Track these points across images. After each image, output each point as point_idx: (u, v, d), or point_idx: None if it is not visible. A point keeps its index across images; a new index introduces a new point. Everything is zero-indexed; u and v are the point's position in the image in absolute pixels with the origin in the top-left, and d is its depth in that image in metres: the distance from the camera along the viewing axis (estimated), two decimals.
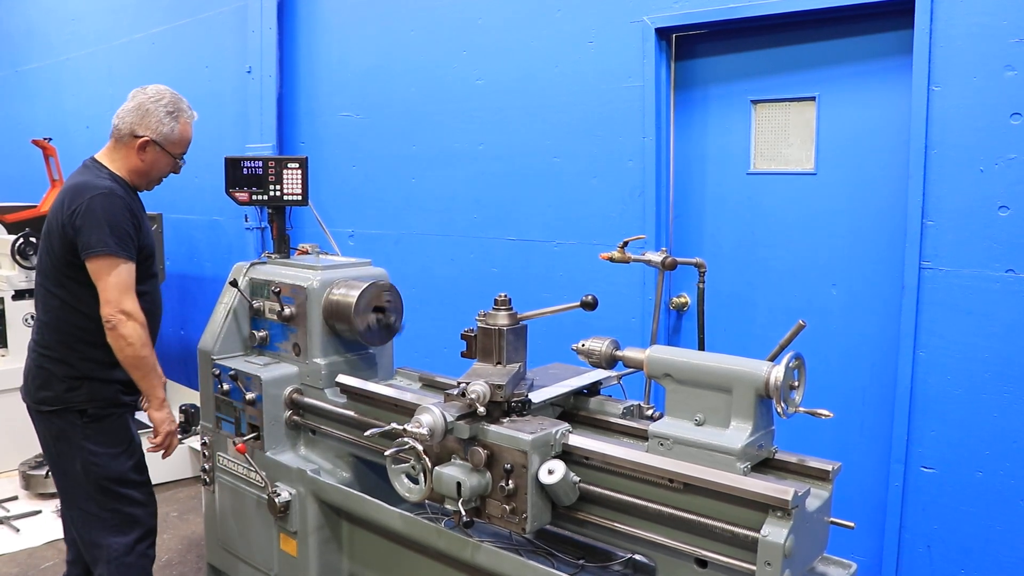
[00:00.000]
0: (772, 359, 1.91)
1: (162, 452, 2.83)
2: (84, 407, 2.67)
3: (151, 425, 2.71)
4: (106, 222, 2.54)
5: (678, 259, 2.86)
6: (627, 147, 3.51)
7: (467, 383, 2.09)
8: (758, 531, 1.73)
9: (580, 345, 2.22)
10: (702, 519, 1.84)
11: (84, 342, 2.66)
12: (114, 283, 2.54)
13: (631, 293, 3.55)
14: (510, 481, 2.01)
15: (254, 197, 3.12)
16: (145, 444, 2.88)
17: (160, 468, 4.70)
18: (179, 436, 2.86)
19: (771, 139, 3.27)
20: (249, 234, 4.99)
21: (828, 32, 3.08)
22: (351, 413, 2.65)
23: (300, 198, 3.12)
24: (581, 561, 2.23)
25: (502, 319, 2.22)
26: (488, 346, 2.23)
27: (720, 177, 3.41)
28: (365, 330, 2.73)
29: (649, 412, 2.33)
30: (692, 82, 3.45)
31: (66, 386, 2.65)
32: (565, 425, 2.10)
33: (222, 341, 2.98)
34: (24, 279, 4.94)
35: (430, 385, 2.83)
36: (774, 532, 1.70)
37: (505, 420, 2.10)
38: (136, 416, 2.94)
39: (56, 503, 4.31)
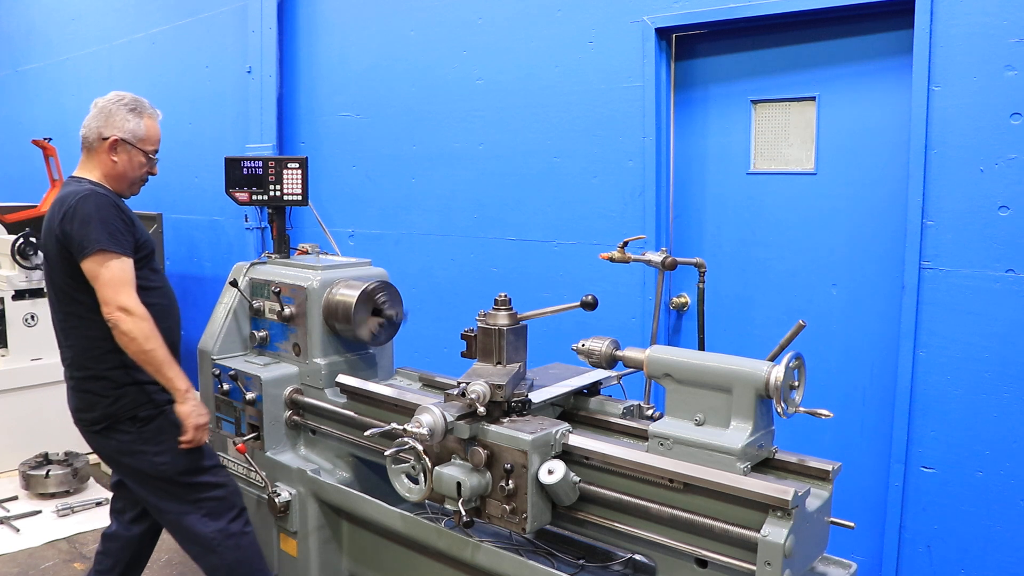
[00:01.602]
0: (772, 359, 1.91)
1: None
2: (133, 413, 2.66)
3: None
4: (95, 219, 2.52)
5: (678, 259, 2.86)
6: (627, 147, 3.51)
7: (467, 383, 2.09)
8: (758, 531, 1.73)
9: (580, 345, 2.22)
10: (702, 519, 1.85)
11: (110, 351, 2.63)
12: (108, 280, 2.51)
13: (631, 293, 3.55)
14: (510, 481, 2.01)
15: (254, 197, 3.12)
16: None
17: None
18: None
19: (771, 139, 3.27)
20: (249, 234, 4.99)
21: (828, 32, 3.08)
22: (351, 413, 2.65)
23: (300, 198, 3.12)
24: (581, 561, 2.24)
25: (502, 319, 2.23)
26: (488, 346, 2.23)
27: (720, 177, 3.41)
28: (365, 330, 2.73)
29: (649, 412, 2.34)
30: (692, 82, 3.45)
31: (110, 400, 2.64)
32: (565, 425, 2.10)
33: (222, 341, 2.99)
34: (24, 279, 4.94)
35: (430, 385, 2.83)
36: (774, 532, 1.71)
37: (505, 420, 2.10)
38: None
39: (56, 503, 4.31)
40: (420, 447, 2.09)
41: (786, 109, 3.22)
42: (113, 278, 2.52)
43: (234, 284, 3.01)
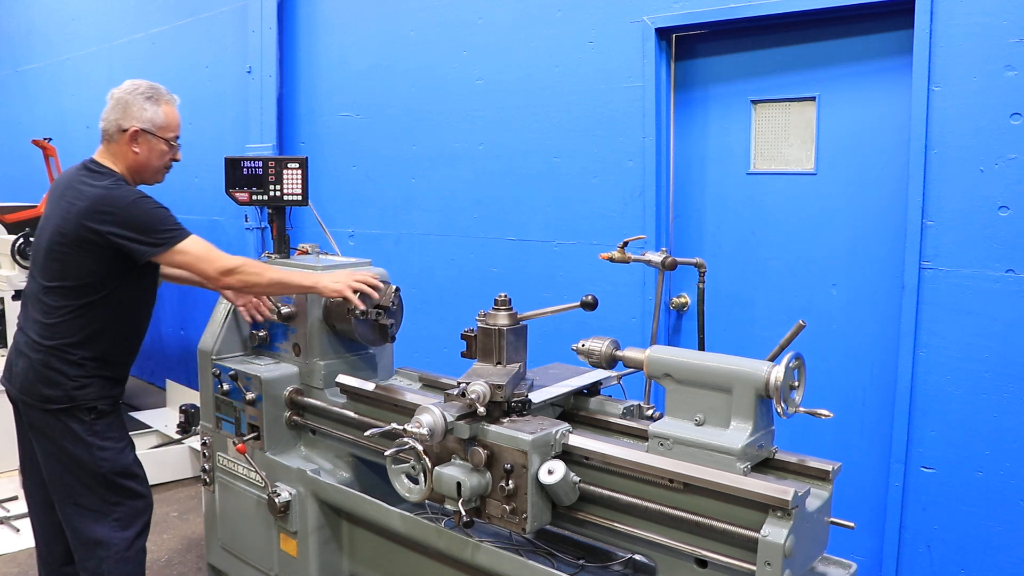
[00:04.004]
0: (772, 359, 1.91)
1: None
2: (94, 404, 2.67)
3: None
4: (156, 220, 2.54)
5: (678, 259, 2.86)
6: (627, 147, 3.51)
7: (467, 383, 2.09)
8: (758, 531, 1.73)
9: (580, 345, 2.22)
10: (702, 519, 1.85)
11: (100, 345, 2.66)
12: (193, 261, 2.57)
13: (631, 293, 3.55)
14: (510, 481, 2.01)
15: (254, 197, 3.13)
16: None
17: (160, 468, 4.71)
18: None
19: (771, 139, 3.27)
20: (249, 234, 4.99)
21: (828, 32, 3.08)
22: (351, 413, 2.65)
23: (300, 198, 3.12)
24: (581, 561, 2.24)
25: (502, 319, 2.23)
26: (488, 346, 2.23)
27: (720, 177, 3.41)
28: (365, 330, 2.73)
29: (649, 412, 2.34)
30: (692, 82, 3.45)
31: (77, 384, 2.64)
32: (565, 425, 2.10)
33: (222, 341, 2.99)
34: (24, 279, 4.93)
35: (430, 385, 2.83)
36: (774, 532, 1.71)
37: (505, 420, 2.10)
38: (132, 415, 2.94)
39: None
40: (420, 447, 2.09)
41: (786, 109, 3.22)
42: (197, 257, 2.57)
43: None
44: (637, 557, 2.18)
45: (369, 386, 2.63)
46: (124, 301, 2.67)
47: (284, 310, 2.83)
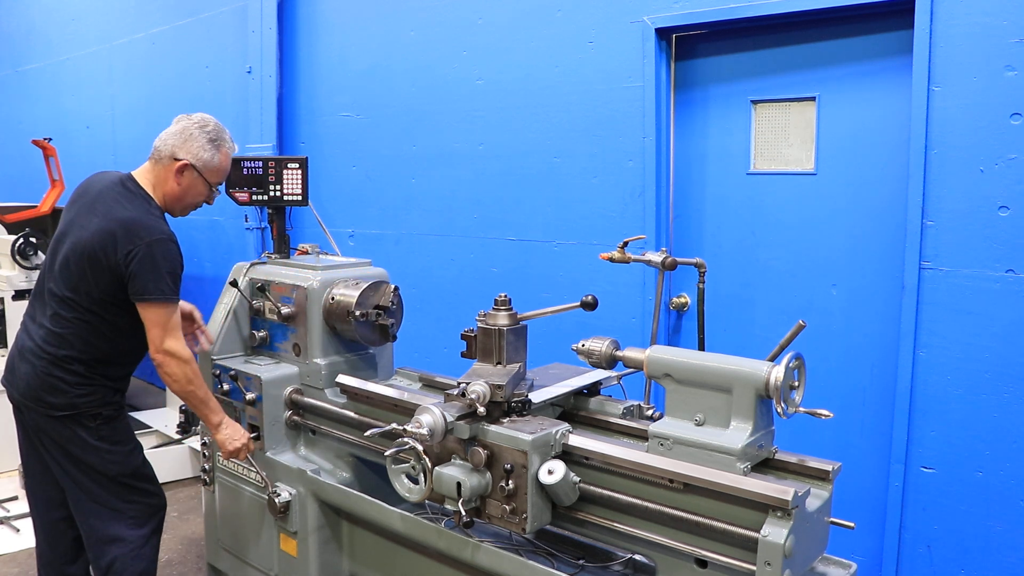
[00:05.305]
0: (772, 359, 1.91)
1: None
2: (98, 411, 2.67)
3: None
4: (164, 270, 2.54)
5: (678, 259, 2.86)
6: (627, 147, 3.51)
7: (467, 383, 2.09)
8: (758, 531, 1.73)
9: (580, 345, 2.22)
10: (702, 519, 1.85)
11: (102, 361, 2.66)
12: (160, 324, 2.55)
13: (631, 293, 3.55)
14: (510, 481, 2.01)
15: (254, 197, 3.12)
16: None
17: (160, 468, 4.70)
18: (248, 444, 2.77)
19: (771, 139, 3.27)
20: (249, 234, 4.99)
21: (828, 32, 3.08)
22: (351, 413, 2.65)
23: (300, 198, 3.12)
24: (581, 561, 2.24)
25: (502, 319, 2.23)
26: (488, 346, 2.23)
27: (720, 177, 3.41)
28: (365, 330, 2.73)
29: (649, 412, 2.34)
30: (692, 82, 3.45)
31: (79, 392, 2.64)
32: (565, 425, 2.10)
33: (222, 341, 2.99)
34: (24, 279, 4.93)
35: (430, 385, 2.83)
36: (774, 532, 1.71)
37: (505, 420, 2.11)
38: (132, 415, 2.93)
39: None
40: (420, 447, 2.09)
41: (786, 109, 3.22)
42: (165, 324, 2.56)
43: (234, 284, 3.02)
44: (637, 557, 2.18)
45: (369, 386, 2.63)
46: (132, 323, 2.63)
47: (284, 310, 2.83)
